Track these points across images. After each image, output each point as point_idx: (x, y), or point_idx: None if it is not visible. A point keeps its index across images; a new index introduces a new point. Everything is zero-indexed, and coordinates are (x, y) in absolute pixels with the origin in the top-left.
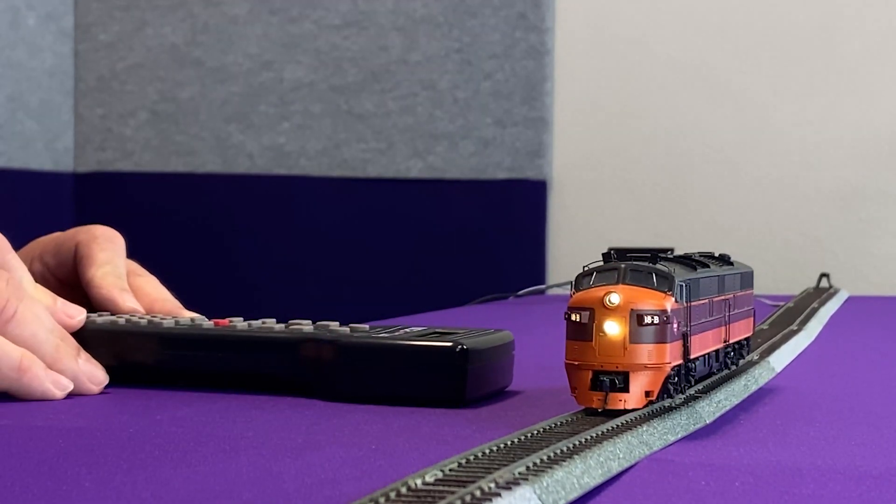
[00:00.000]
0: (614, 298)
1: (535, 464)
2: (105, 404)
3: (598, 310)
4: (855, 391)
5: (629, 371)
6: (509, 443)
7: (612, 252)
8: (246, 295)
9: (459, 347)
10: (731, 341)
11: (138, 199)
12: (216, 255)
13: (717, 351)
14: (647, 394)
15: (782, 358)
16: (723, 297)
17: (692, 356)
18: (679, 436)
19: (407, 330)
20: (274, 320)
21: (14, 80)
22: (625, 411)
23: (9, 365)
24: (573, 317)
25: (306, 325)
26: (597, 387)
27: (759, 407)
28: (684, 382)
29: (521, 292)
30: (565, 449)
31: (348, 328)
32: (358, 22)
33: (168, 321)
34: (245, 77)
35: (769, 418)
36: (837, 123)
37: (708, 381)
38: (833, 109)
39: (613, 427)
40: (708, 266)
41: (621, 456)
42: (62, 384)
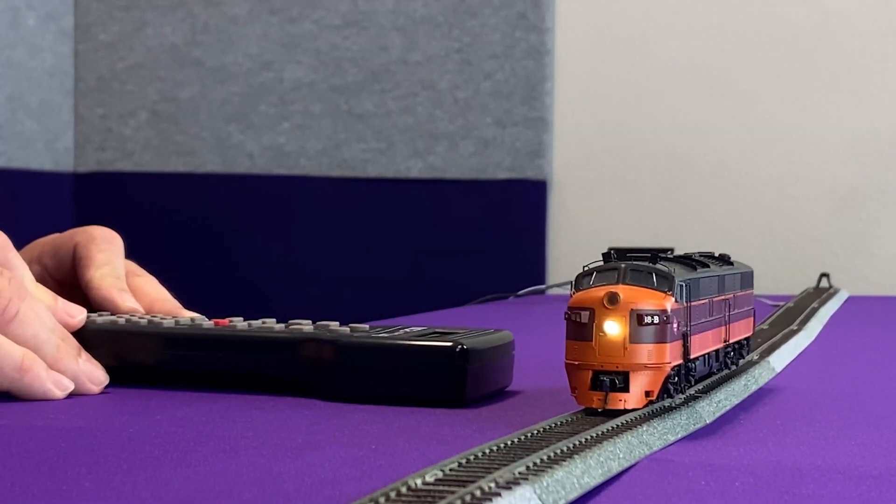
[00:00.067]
0: (614, 298)
1: (535, 464)
2: (105, 404)
3: (598, 310)
4: (855, 391)
5: (629, 371)
6: (509, 443)
7: (612, 252)
8: (246, 295)
9: (459, 347)
10: (731, 341)
11: (138, 199)
12: (216, 255)
13: (717, 351)
14: (647, 394)
15: (782, 358)
16: (723, 297)
17: (692, 356)
18: (679, 436)
19: (407, 330)
20: (274, 320)
21: (14, 80)
22: (625, 411)
23: (10, 365)
24: (573, 317)
25: (306, 325)
26: (597, 387)
27: (759, 407)
28: (684, 382)
29: (521, 292)
30: (565, 449)
31: (348, 328)
32: (358, 22)
33: (168, 321)
34: (245, 77)
35: (769, 418)
36: (837, 123)
37: (708, 381)
38: (833, 109)
39: (613, 427)
40: (708, 266)
41: (621, 456)
42: (63, 384)
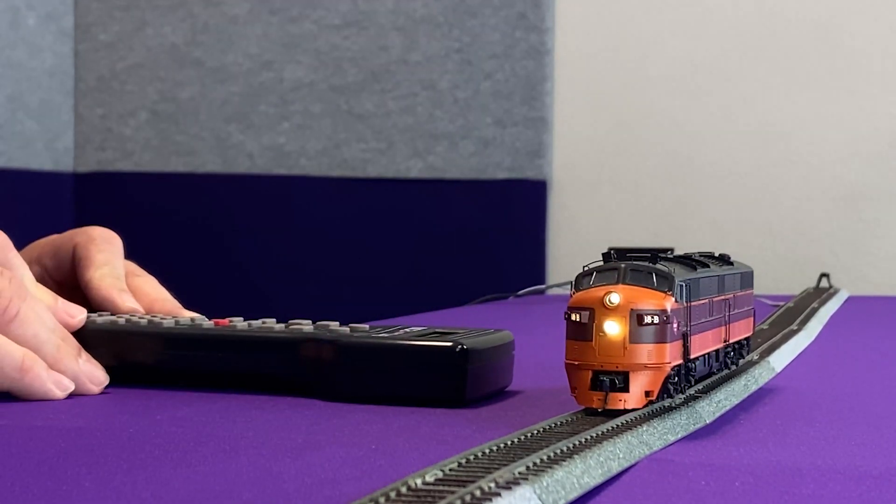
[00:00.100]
0: (614, 298)
1: (535, 464)
2: (105, 404)
3: (598, 310)
4: (855, 391)
5: (629, 371)
6: (509, 443)
7: (612, 252)
8: (246, 295)
9: (459, 347)
10: (731, 341)
11: (138, 199)
12: (216, 255)
13: (717, 351)
14: (647, 394)
15: (782, 358)
16: (723, 297)
17: (692, 356)
18: (679, 436)
19: (407, 330)
20: (274, 320)
21: (14, 80)
22: (625, 411)
23: (11, 365)
24: (573, 317)
25: (306, 325)
26: (597, 387)
27: (759, 407)
28: (684, 382)
29: (521, 292)
30: (565, 449)
31: (348, 328)
32: (358, 22)
33: (168, 321)
34: (245, 77)
35: (769, 418)
36: (837, 123)
37: (708, 381)
38: (833, 109)
39: (613, 427)
40: (708, 266)
41: (621, 456)
42: (64, 384)
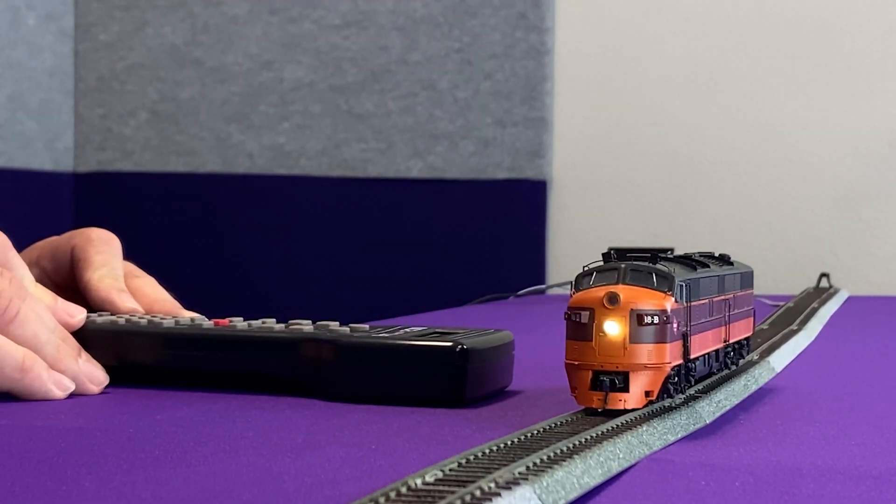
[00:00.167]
0: (614, 299)
1: (535, 464)
2: (105, 404)
3: (598, 310)
4: (855, 391)
5: (629, 371)
6: (509, 443)
7: (612, 252)
8: (246, 295)
9: (459, 347)
10: (731, 341)
11: (138, 199)
12: (216, 255)
13: (717, 351)
14: (647, 394)
15: (782, 358)
16: (723, 297)
17: (692, 356)
18: (679, 436)
19: (407, 330)
20: (274, 320)
21: (14, 80)
22: (625, 411)
23: (11, 365)
24: (573, 317)
25: (306, 325)
26: (597, 387)
27: (759, 407)
28: (684, 382)
29: (521, 292)
30: (565, 449)
31: (348, 328)
32: (358, 22)
33: (168, 321)
34: (245, 77)
35: (769, 418)
36: (837, 123)
37: (708, 381)
38: (833, 109)
39: (613, 427)
40: (708, 266)
41: (621, 456)
42: (64, 385)
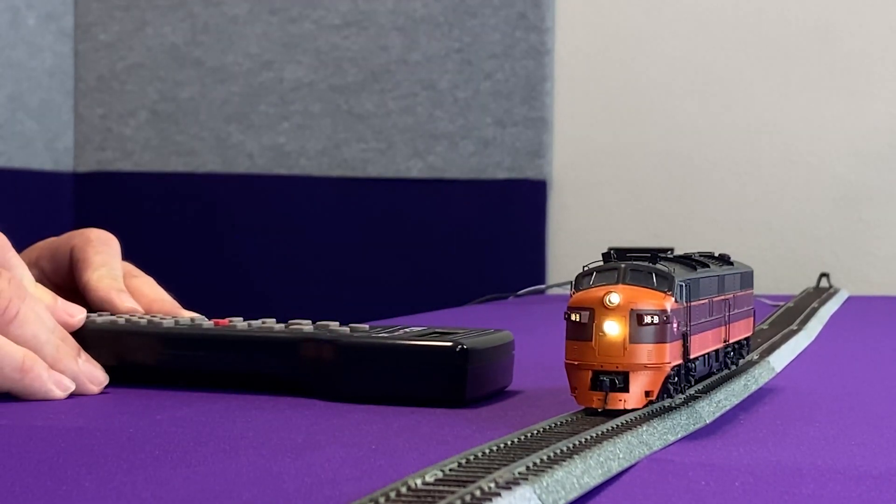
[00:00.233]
0: (614, 298)
1: (535, 464)
2: (105, 404)
3: (598, 310)
4: (855, 391)
5: (629, 371)
6: (509, 443)
7: (612, 252)
8: (246, 295)
9: (459, 347)
10: (731, 341)
11: (138, 199)
12: (216, 255)
13: (717, 351)
14: (647, 394)
15: (782, 358)
16: (723, 297)
17: (692, 356)
18: (679, 436)
19: (407, 330)
20: (274, 320)
21: (14, 80)
22: (625, 411)
23: (11, 366)
24: (573, 317)
25: (306, 325)
26: (597, 387)
27: (759, 407)
28: (684, 382)
29: (521, 292)
30: (565, 449)
31: (348, 328)
32: (358, 22)
33: (168, 321)
34: (245, 77)
35: (769, 418)
36: (837, 123)
37: (708, 381)
38: (833, 109)
39: (613, 427)
40: (708, 266)
41: (621, 456)
42: (64, 385)
